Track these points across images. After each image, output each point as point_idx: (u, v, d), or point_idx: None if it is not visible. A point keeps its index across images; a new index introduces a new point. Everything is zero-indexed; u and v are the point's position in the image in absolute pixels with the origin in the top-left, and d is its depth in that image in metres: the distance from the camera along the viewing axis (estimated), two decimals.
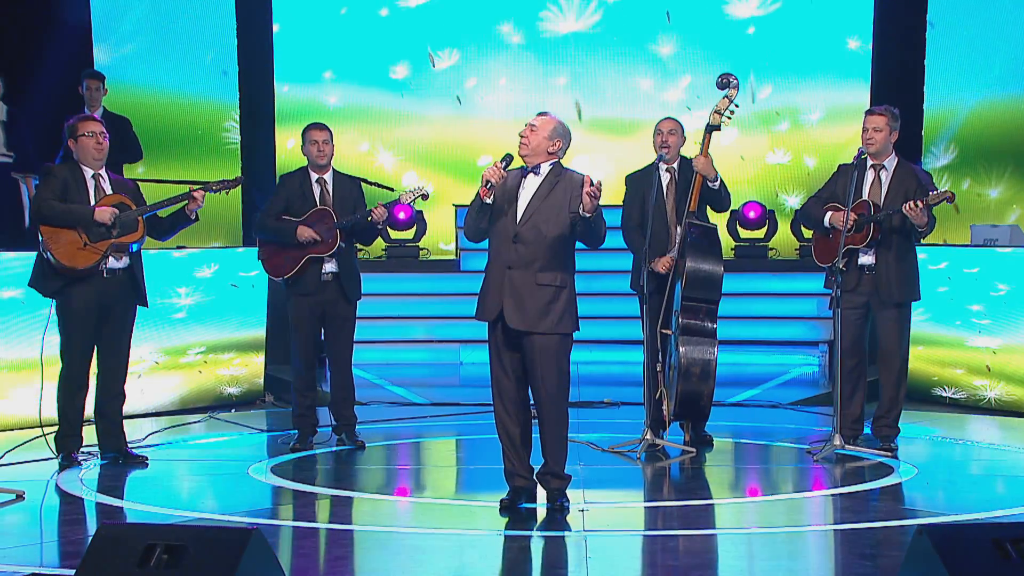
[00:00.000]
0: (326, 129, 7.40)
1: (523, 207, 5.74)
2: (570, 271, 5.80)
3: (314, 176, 7.39)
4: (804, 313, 11.12)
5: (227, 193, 7.28)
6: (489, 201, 5.70)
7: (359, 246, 7.61)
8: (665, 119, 7.53)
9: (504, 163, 5.74)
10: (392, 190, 7.57)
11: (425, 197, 7.44)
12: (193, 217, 6.93)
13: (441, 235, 12.03)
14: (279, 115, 11.66)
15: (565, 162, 5.93)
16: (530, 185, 5.79)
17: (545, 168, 5.81)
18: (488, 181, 5.65)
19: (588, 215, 5.63)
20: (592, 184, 5.58)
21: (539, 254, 5.70)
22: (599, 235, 5.75)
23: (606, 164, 11.72)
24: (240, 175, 7.50)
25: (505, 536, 5.54)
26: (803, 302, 11.12)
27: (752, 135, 12.04)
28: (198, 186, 7.01)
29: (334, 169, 7.46)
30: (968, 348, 9.00)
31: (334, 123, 7.76)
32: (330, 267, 7.32)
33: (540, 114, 5.87)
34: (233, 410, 8.95)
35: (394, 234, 11.60)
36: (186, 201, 6.87)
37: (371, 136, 12.07)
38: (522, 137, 5.78)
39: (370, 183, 7.53)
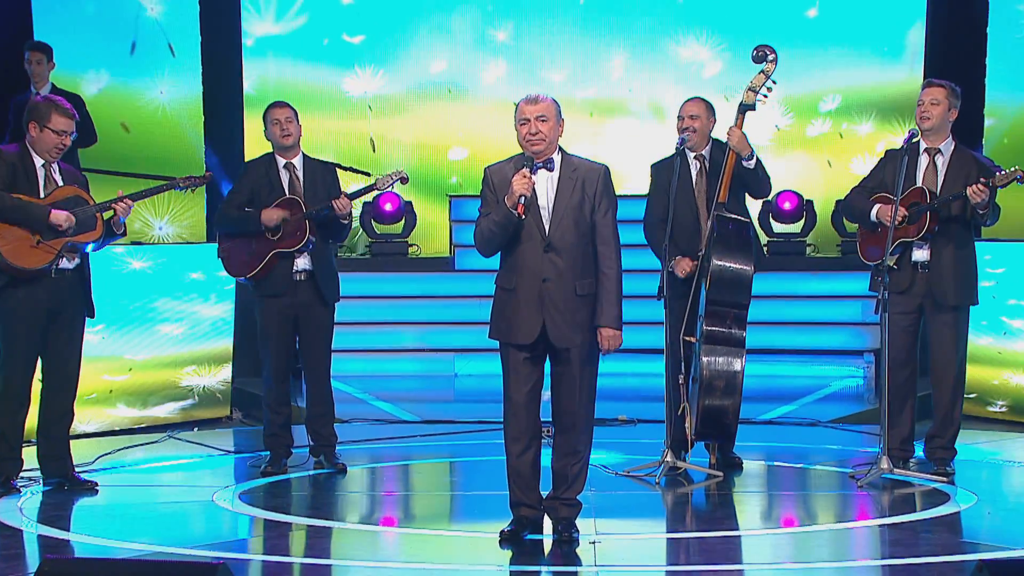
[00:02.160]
0: (288, 106, 7.42)
1: (549, 210, 5.76)
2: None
3: (281, 161, 7.40)
4: (847, 318, 11.10)
5: (193, 191, 7.30)
6: (524, 217, 5.69)
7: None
8: (688, 101, 7.51)
9: (532, 171, 5.72)
10: (368, 174, 7.54)
11: (404, 181, 7.45)
12: (120, 232, 6.88)
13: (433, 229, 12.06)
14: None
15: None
16: (547, 183, 5.79)
17: (557, 160, 5.82)
18: (522, 196, 5.64)
19: None
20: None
21: (575, 261, 5.75)
22: None
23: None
24: (209, 172, 7.51)
25: (510, 572, 5.53)
26: (846, 305, 11.11)
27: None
28: (164, 183, 7.02)
29: (304, 154, 7.46)
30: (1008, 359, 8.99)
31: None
32: (303, 264, 7.31)
33: (534, 99, 5.80)
34: (196, 428, 8.93)
35: (379, 228, 11.59)
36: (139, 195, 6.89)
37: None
38: (534, 134, 5.74)
39: (344, 168, 7.50)
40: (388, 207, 11.44)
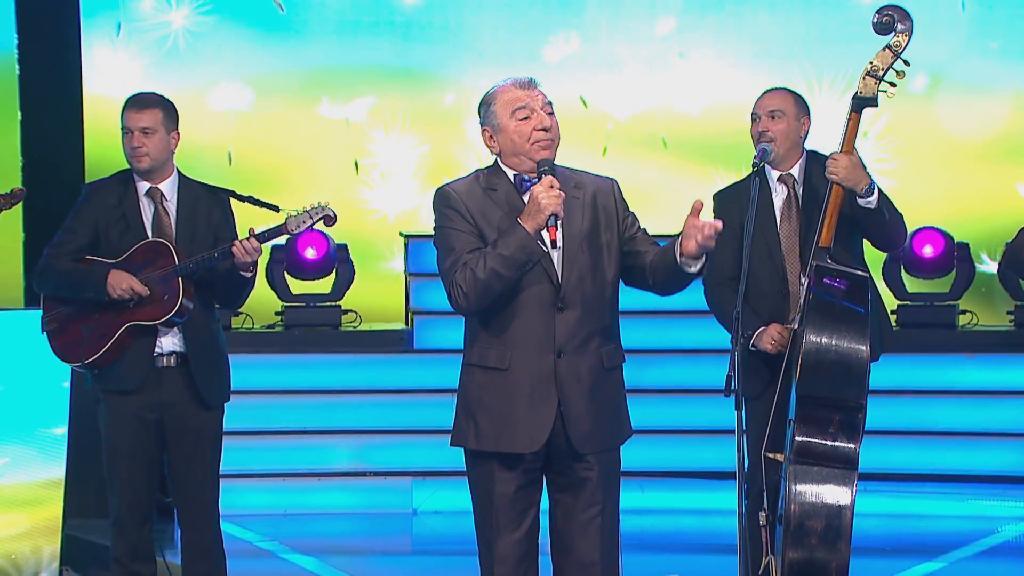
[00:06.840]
0: (153, 106, 7.38)
1: (558, 250, 5.89)
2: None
3: (143, 186, 7.43)
4: None
5: None
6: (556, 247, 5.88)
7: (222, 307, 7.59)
8: (768, 92, 7.59)
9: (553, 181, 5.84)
10: (277, 209, 7.54)
11: (330, 221, 7.43)
12: None
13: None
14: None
15: None
16: None
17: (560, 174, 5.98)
18: (555, 215, 5.76)
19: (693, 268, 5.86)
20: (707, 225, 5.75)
21: (598, 319, 5.94)
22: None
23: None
24: (20, 187, 7.57)
25: None
26: (1022, 406, 11.08)
27: None
28: None
29: (180, 174, 7.50)
30: None
31: None
32: (170, 344, 7.35)
33: (527, 83, 6.00)
34: None
35: (297, 286, 11.60)
36: None
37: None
38: (546, 130, 5.92)
39: (243, 198, 7.50)
40: (310, 254, 11.40)
